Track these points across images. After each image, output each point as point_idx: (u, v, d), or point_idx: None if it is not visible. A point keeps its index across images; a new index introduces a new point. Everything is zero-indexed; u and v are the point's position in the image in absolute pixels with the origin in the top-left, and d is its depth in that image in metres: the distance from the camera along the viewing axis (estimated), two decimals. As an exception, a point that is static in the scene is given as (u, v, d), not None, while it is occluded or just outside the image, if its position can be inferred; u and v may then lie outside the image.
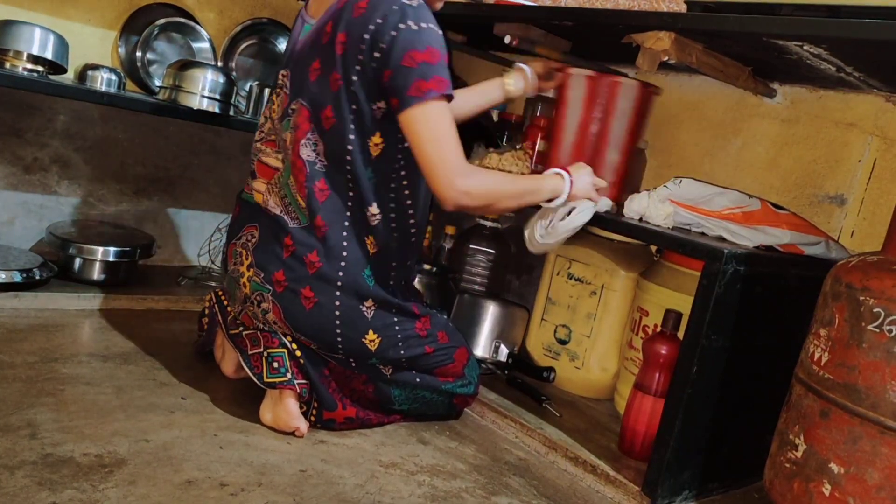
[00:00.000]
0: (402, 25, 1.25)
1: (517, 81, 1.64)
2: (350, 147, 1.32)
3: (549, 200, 1.41)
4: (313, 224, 1.34)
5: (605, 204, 1.52)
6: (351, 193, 1.34)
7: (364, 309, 1.36)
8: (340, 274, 1.34)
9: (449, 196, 1.28)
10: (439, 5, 1.47)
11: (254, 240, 1.41)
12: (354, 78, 1.29)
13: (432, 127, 1.26)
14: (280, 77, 1.44)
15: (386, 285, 1.39)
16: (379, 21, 1.25)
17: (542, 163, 1.92)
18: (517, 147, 1.73)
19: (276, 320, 1.37)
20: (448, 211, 1.31)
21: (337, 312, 1.34)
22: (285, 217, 1.37)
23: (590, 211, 1.45)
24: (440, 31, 1.30)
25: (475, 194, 1.29)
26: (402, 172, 1.37)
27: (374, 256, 1.37)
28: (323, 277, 1.33)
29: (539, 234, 1.46)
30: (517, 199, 1.37)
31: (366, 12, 1.27)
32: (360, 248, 1.35)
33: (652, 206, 1.46)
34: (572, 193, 1.42)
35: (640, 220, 1.49)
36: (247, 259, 1.40)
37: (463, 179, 1.27)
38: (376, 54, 1.26)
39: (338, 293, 1.34)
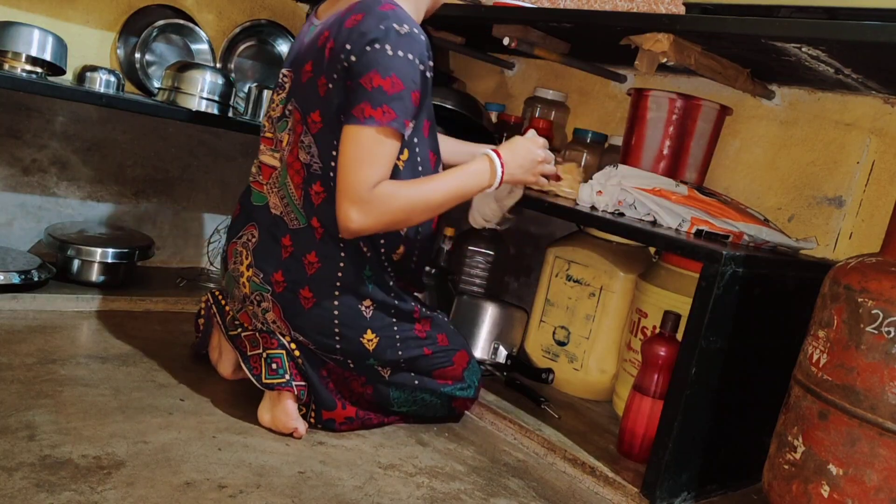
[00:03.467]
0: (377, 45, 1.22)
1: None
2: (335, 153, 1.30)
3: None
4: (311, 225, 1.35)
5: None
6: None
7: (363, 308, 1.36)
8: (339, 275, 1.34)
9: (341, 223, 1.26)
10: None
11: (254, 239, 1.41)
12: (330, 86, 1.28)
13: (357, 149, 1.23)
14: (281, 76, 1.44)
15: (385, 287, 1.39)
16: (362, 31, 1.24)
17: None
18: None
19: (275, 319, 1.37)
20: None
21: (336, 312, 1.34)
22: (284, 218, 1.37)
23: (520, 190, 1.49)
24: (420, 66, 1.26)
25: (368, 228, 1.25)
26: None
27: (370, 259, 1.36)
28: (322, 278, 1.34)
29: (480, 213, 1.51)
30: (433, 212, 1.34)
31: (356, 25, 1.26)
32: (357, 252, 1.35)
33: (600, 191, 1.53)
34: (505, 180, 1.39)
35: (592, 207, 1.55)
36: (247, 259, 1.40)
37: (358, 209, 1.23)
38: (345, 64, 1.25)
39: (336, 293, 1.34)
